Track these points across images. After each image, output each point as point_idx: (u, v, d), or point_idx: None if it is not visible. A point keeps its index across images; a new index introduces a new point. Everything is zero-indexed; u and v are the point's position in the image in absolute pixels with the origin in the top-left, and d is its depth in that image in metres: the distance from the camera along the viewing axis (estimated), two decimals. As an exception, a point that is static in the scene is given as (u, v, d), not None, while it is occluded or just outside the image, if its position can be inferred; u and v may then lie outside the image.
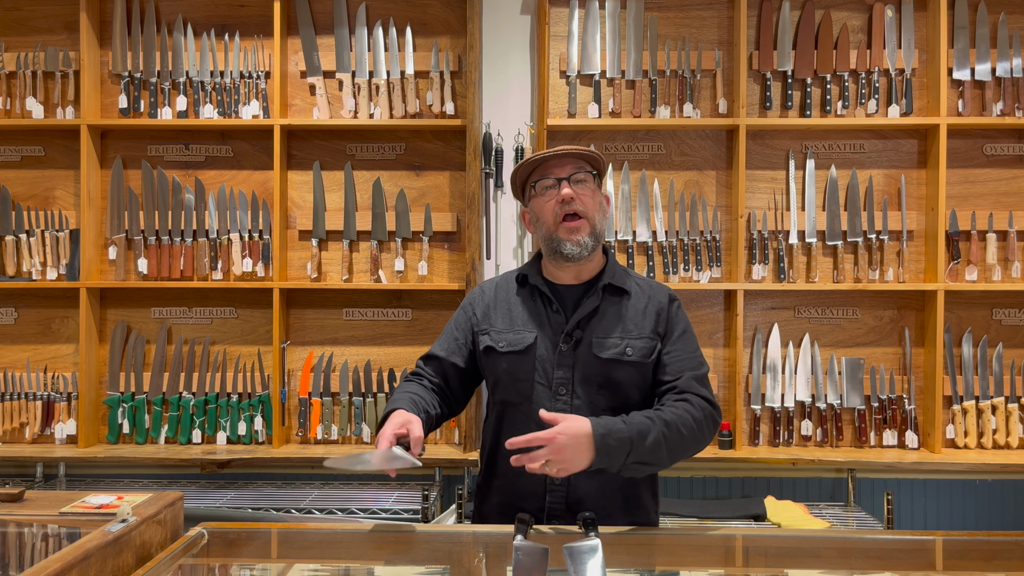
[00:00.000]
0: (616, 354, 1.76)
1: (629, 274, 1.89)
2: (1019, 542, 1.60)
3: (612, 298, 1.82)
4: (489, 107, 3.14)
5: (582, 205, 1.77)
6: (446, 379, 1.89)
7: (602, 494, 1.76)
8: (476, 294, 1.94)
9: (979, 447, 3.03)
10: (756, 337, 3.10)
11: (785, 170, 3.12)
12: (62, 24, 3.17)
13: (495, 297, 1.89)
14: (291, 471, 3.05)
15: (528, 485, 1.77)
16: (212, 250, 3.14)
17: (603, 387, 1.77)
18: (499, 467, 1.84)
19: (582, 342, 1.78)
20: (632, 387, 1.78)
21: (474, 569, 1.62)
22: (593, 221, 1.79)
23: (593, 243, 1.78)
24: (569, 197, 1.76)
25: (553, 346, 1.78)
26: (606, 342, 1.77)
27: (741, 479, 3.04)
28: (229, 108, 3.12)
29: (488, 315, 1.87)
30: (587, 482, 1.74)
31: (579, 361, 1.77)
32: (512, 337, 1.81)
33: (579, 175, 1.79)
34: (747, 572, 1.63)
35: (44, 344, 3.18)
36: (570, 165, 1.79)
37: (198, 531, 1.53)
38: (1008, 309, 3.10)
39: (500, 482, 1.84)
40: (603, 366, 1.76)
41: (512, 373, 1.80)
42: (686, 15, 3.13)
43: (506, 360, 1.80)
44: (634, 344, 1.78)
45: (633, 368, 1.77)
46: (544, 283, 1.85)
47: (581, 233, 1.77)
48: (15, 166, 3.20)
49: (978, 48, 3.05)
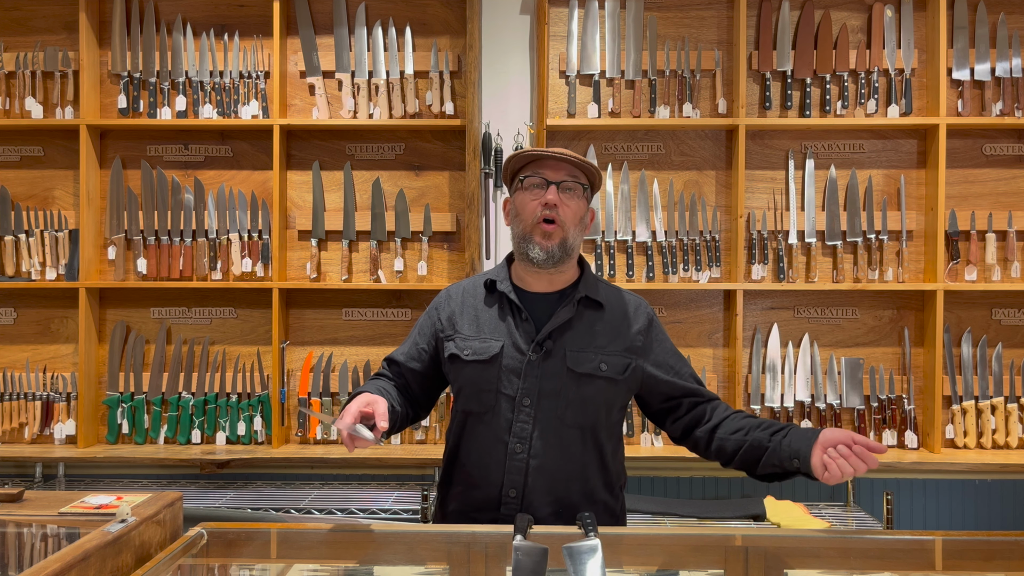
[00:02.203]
0: (591, 369, 1.72)
1: (607, 287, 1.85)
2: (1019, 542, 1.60)
3: (587, 311, 1.77)
4: (488, 107, 3.14)
5: (562, 214, 1.71)
6: (407, 383, 1.86)
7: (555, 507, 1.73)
8: (443, 298, 1.87)
9: (978, 447, 3.03)
10: (756, 337, 3.10)
11: (784, 170, 3.12)
12: (61, 24, 3.17)
13: (462, 303, 1.83)
14: (290, 471, 3.05)
15: (483, 495, 1.74)
16: (211, 250, 3.13)
17: (572, 402, 1.72)
18: (457, 475, 1.81)
19: (553, 354, 1.72)
20: (601, 404, 1.74)
21: (474, 569, 1.62)
22: (567, 233, 1.72)
23: (561, 254, 1.72)
24: (552, 203, 1.70)
25: (521, 355, 1.73)
26: (580, 356, 1.73)
27: (741, 479, 3.03)
28: (228, 108, 3.12)
29: (454, 321, 1.81)
30: (541, 499, 1.72)
31: (548, 373, 1.72)
32: (478, 345, 1.76)
33: (570, 183, 1.73)
34: (747, 572, 1.63)
35: (43, 344, 3.18)
36: (564, 171, 1.73)
37: (197, 531, 1.53)
38: (1007, 309, 3.10)
39: (457, 490, 1.81)
40: (575, 380, 1.72)
41: (476, 383, 1.75)
42: (686, 15, 3.13)
43: (470, 369, 1.75)
44: (608, 360, 1.74)
45: (606, 383, 1.73)
46: (513, 289, 1.79)
47: (553, 240, 1.71)
48: (14, 166, 3.20)
49: (977, 48, 3.05)
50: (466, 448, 1.79)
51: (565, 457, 1.73)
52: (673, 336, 2.57)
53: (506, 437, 1.72)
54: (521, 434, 1.71)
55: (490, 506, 1.74)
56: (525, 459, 1.71)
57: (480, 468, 1.75)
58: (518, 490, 1.72)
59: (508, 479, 1.72)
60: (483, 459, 1.75)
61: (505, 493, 1.72)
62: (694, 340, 3.11)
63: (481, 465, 1.75)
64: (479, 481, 1.75)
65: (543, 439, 1.71)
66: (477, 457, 1.76)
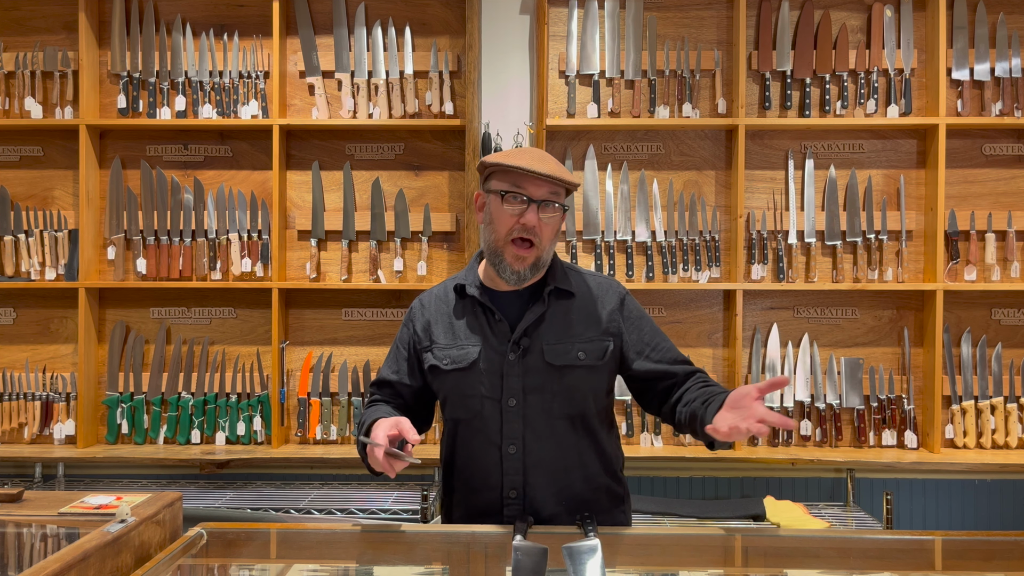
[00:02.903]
0: (569, 360, 1.72)
1: (576, 273, 1.83)
2: (1018, 542, 1.60)
3: (559, 302, 1.76)
4: (488, 107, 3.14)
5: (539, 235, 1.68)
6: (405, 402, 1.84)
7: (557, 506, 1.72)
8: (416, 308, 1.85)
9: (978, 447, 3.03)
10: (755, 337, 3.10)
11: (784, 170, 3.12)
12: (61, 24, 3.17)
13: (435, 311, 1.81)
14: (290, 471, 3.05)
15: (485, 499, 1.74)
16: (211, 250, 3.13)
17: (557, 394, 1.72)
18: (457, 482, 1.81)
19: (531, 350, 1.72)
20: (587, 391, 1.74)
21: (473, 569, 1.62)
22: (542, 251, 1.70)
23: (532, 273, 1.71)
24: (531, 226, 1.66)
25: (500, 357, 1.72)
26: (557, 348, 1.72)
27: (740, 479, 3.04)
28: (228, 108, 3.12)
29: (429, 331, 1.79)
30: (543, 494, 1.72)
31: (529, 369, 1.71)
32: (456, 353, 1.74)
33: (549, 202, 1.68)
34: (747, 572, 1.63)
35: (43, 344, 3.18)
36: (547, 187, 1.68)
37: (197, 531, 1.53)
38: (1007, 309, 3.10)
39: (459, 496, 1.81)
40: (556, 373, 1.72)
41: (459, 390, 1.74)
42: (685, 15, 3.13)
43: (452, 377, 1.74)
44: (585, 347, 1.74)
45: (586, 371, 1.73)
46: (483, 291, 1.77)
47: (525, 263, 1.69)
48: (14, 166, 3.20)
49: (977, 48, 3.05)
50: (461, 455, 1.79)
51: (560, 449, 1.73)
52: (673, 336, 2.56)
53: (498, 440, 1.72)
54: (512, 435, 1.71)
55: (493, 509, 1.74)
56: (521, 458, 1.71)
57: (478, 473, 1.75)
58: (519, 490, 1.71)
59: (507, 480, 1.72)
60: (479, 464, 1.75)
61: (506, 495, 1.72)
62: (694, 340, 3.11)
63: (478, 470, 1.75)
64: (479, 486, 1.75)
65: (535, 435, 1.72)
66: (473, 463, 1.76)
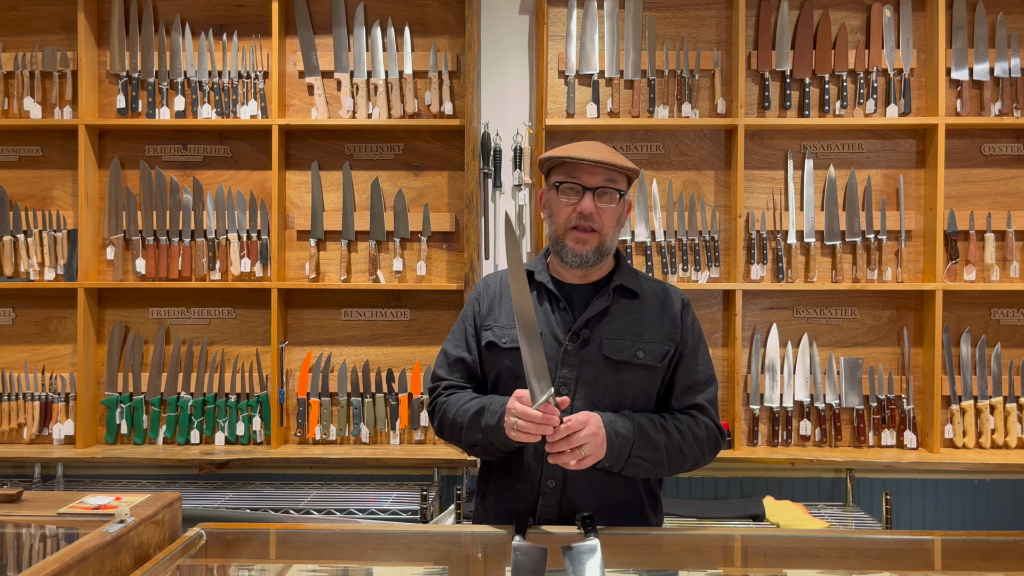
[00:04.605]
0: (627, 356, 1.73)
1: (641, 276, 1.85)
2: (1018, 542, 1.60)
3: (623, 300, 1.78)
4: (487, 107, 3.14)
5: (599, 221, 1.70)
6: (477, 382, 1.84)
7: (596, 501, 1.71)
8: (481, 288, 1.87)
9: (977, 447, 3.03)
10: (755, 337, 3.10)
11: (784, 170, 3.12)
12: (60, 24, 3.16)
13: (500, 291, 1.83)
14: (289, 471, 3.05)
15: (521, 488, 1.73)
16: (210, 250, 3.13)
17: (610, 389, 1.72)
18: (494, 468, 1.80)
19: (590, 342, 1.73)
20: (639, 391, 1.75)
21: (473, 569, 1.62)
22: (604, 237, 1.72)
23: (597, 258, 1.73)
24: (588, 213, 1.69)
25: (558, 344, 1.73)
26: (617, 343, 1.73)
27: (740, 479, 3.04)
28: (227, 108, 3.12)
29: (492, 310, 1.81)
30: (582, 487, 1.70)
31: (585, 361, 1.72)
32: (515, 333, 1.71)
33: (606, 188, 1.70)
34: (746, 572, 1.63)
35: (42, 344, 3.18)
36: (601, 174, 1.70)
37: (196, 532, 1.53)
38: (1006, 309, 3.10)
39: (496, 483, 1.80)
40: (612, 367, 1.72)
41: (514, 370, 1.73)
42: (684, 15, 3.13)
43: (509, 356, 1.74)
44: (645, 348, 1.74)
45: (643, 371, 1.74)
46: (551, 280, 1.79)
47: (588, 246, 1.71)
48: (13, 166, 3.20)
49: (976, 48, 3.05)
50: None
51: None
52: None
53: None
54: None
55: (529, 496, 1.72)
56: None
57: (517, 459, 1.74)
58: (557, 480, 1.70)
59: (547, 469, 1.70)
60: (520, 449, 1.72)
61: (544, 483, 1.71)
62: (693, 340, 3.11)
63: (517, 455, 1.73)
64: (518, 471, 1.73)
65: None
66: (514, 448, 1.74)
